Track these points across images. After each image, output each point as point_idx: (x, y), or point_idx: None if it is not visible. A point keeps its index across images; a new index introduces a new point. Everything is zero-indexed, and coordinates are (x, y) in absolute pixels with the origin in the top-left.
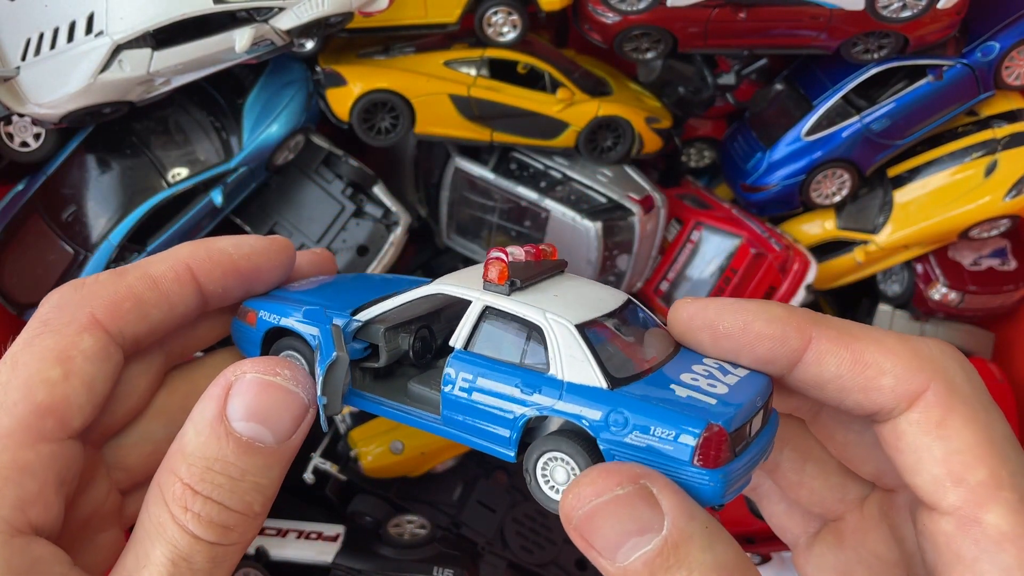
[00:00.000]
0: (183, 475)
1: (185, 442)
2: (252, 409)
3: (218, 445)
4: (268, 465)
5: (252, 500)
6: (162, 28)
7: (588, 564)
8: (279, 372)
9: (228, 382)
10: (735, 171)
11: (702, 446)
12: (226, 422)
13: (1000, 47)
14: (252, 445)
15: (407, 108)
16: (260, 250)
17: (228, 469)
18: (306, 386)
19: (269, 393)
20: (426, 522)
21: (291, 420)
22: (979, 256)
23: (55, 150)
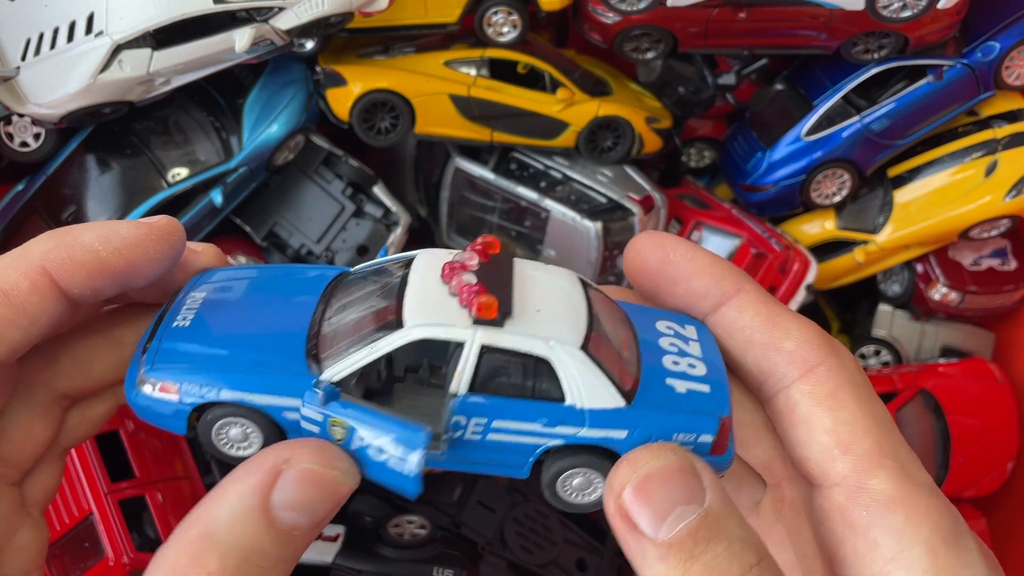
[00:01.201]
0: (213, 568)
1: (218, 528)
2: (300, 502)
3: (258, 536)
4: (300, 548)
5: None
6: (162, 28)
7: (588, 564)
8: (337, 466)
9: (276, 469)
10: (735, 171)
11: (717, 440)
12: (270, 512)
13: (1000, 47)
14: (291, 534)
15: (407, 108)
16: (134, 242)
17: (265, 560)
18: (355, 476)
19: (322, 486)
20: (426, 522)
21: (334, 508)
22: (979, 256)
23: (55, 150)
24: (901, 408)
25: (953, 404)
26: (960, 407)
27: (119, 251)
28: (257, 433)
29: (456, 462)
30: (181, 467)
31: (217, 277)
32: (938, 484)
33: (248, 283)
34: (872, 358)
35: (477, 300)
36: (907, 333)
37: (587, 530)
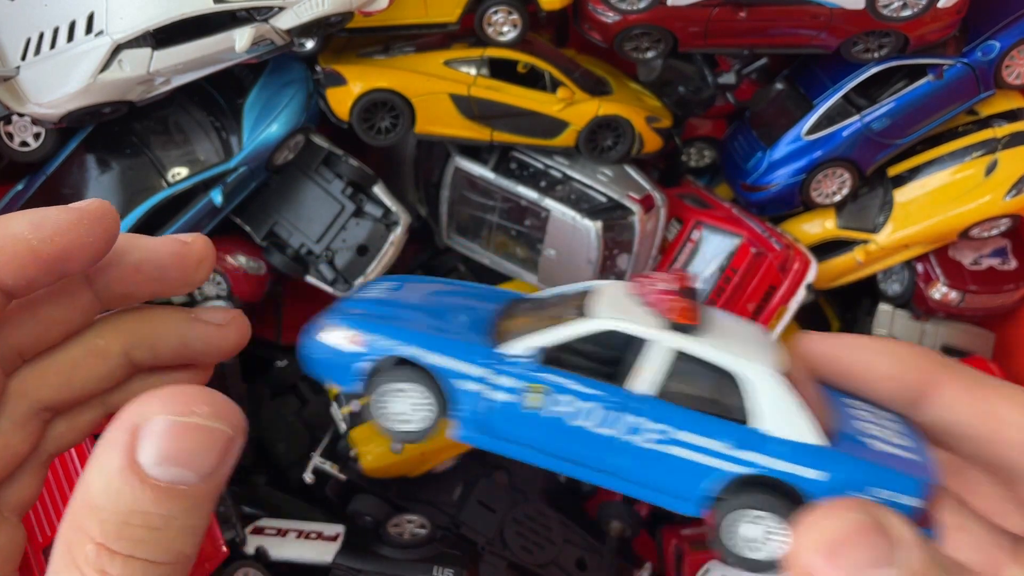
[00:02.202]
0: (95, 534)
1: (92, 494)
2: (168, 455)
3: (133, 496)
4: (196, 505)
5: (182, 546)
6: (162, 28)
7: (588, 564)
8: (195, 410)
9: (133, 425)
10: (735, 170)
11: (923, 508)
12: (139, 470)
13: (1000, 46)
14: (173, 489)
15: (407, 107)
16: (66, 227)
17: (149, 520)
18: (229, 414)
19: (186, 435)
20: (426, 522)
21: (216, 455)
22: (979, 255)
23: (55, 150)
24: None
25: None
26: None
27: (51, 238)
28: (422, 401)
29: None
30: None
31: (396, 279)
32: None
33: (430, 284)
34: None
35: (677, 304)
36: (907, 332)
37: (587, 530)
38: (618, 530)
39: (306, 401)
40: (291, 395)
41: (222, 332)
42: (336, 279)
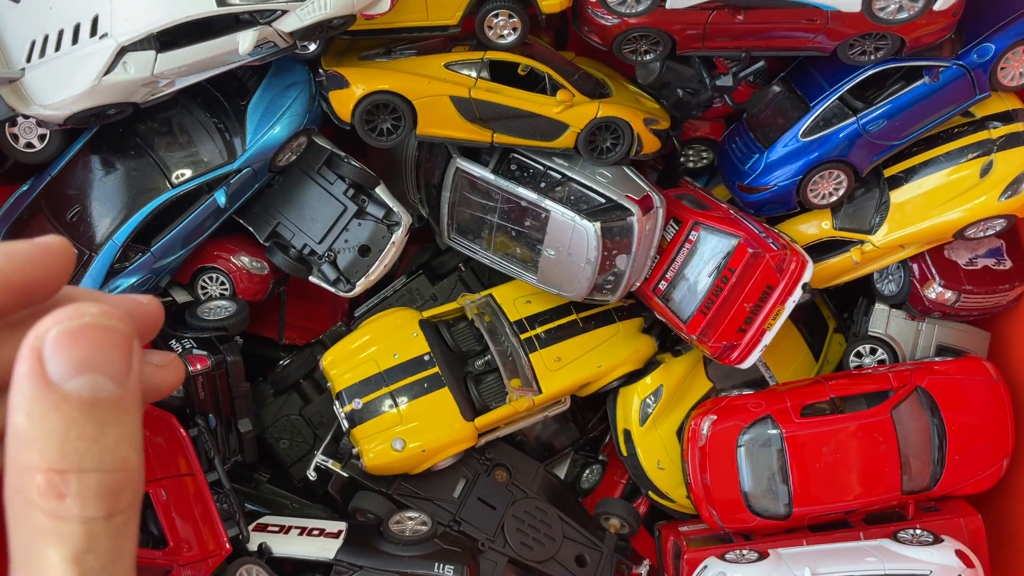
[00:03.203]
0: (38, 462)
1: (22, 432)
2: (78, 362)
3: (59, 415)
4: (122, 411)
5: (125, 452)
6: (166, 30)
7: (587, 560)
8: (85, 312)
9: (35, 347)
10: (733, 172)
11: None
12: (56, 388)
13: (996, 49)
14: (96, 398)
15: (409, 109)
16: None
17: (84, 432)
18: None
19: (84, 337)
20: (427, 519)
21: (120, 355)
22: (975, 255)
23: (60, 151)
24: (897, 406)
25: (949, 402)
26: (956, 405)
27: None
28: None
29: None
30: (184, 464)
31: None
32: (934, 481)
33: None
34: (868, 357)
35: None
36: (903, 332)
37: (586, 527)
38: (617, 527)
39: (308, 400)
40: (293, 393)
41: (162, 373)
42: (338, 279)
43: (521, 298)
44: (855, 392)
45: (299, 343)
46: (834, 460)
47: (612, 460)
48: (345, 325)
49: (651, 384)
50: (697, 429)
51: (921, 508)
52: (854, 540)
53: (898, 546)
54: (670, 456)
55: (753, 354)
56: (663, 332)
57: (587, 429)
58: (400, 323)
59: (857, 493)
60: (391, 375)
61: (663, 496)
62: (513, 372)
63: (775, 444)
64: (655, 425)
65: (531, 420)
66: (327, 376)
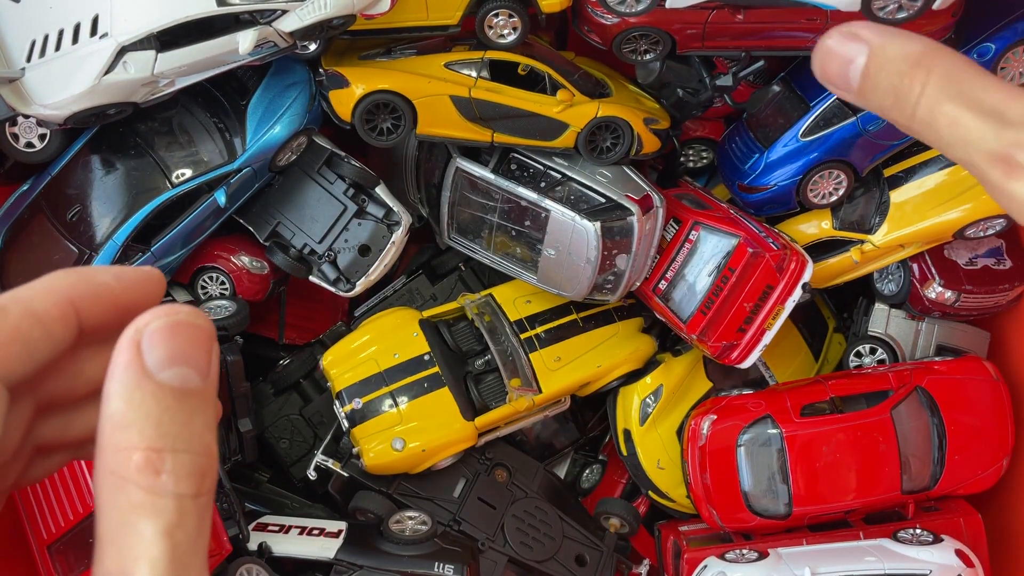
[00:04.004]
0: (136, 442)
1: (118, 416)
2: (172, 355)
3: (156, 399)
4: (205, 404)
5: (208, 440)
6: (166, 30)
7: (587, 560)
8: (179, 310)
9: (135, 339)
10: (733, 172)
11: None
12: (153, 376)
13: (996, 48)
14: (185, 388)
15: (409, 109)
16: (138, 281)
17: (177, 416)
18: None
19: (179, 333)
20: (427, 518)
21: (205, 352)
22: (975, 255)
23: (60, 151)
24: (896, 405)
25: (949, 402)
26: (956, 405)
27: (129, 289)
28: None
29: None
30: None
31: None
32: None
33: None
34: (868, 356)
35: None
36: (903, 332)
37: (586, 526)
38: (617, 526)
39: (308, 399)
40: (293, 393)
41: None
42: (338, 279)
43: (521, 298)
44: (855, 392)
45: (299, 343)
46: (834, 460)
47: (612, 460)
48: (345, 325)
49: (651, 384)
50: (697, 429)
51: (921, 508)
52: (854, 540)
53: (898, 546)
54: (670, 456)
55: (753, 354)
56: (663, 332)
57: (587, 429)
58: (400, 323)
59: (857, 493)
60: (391, 375)
61: (663, 496)
62: (513, 372)
63: (775, 444)
64: (655, 425)
65: (531, 420)
66: (327, 376)
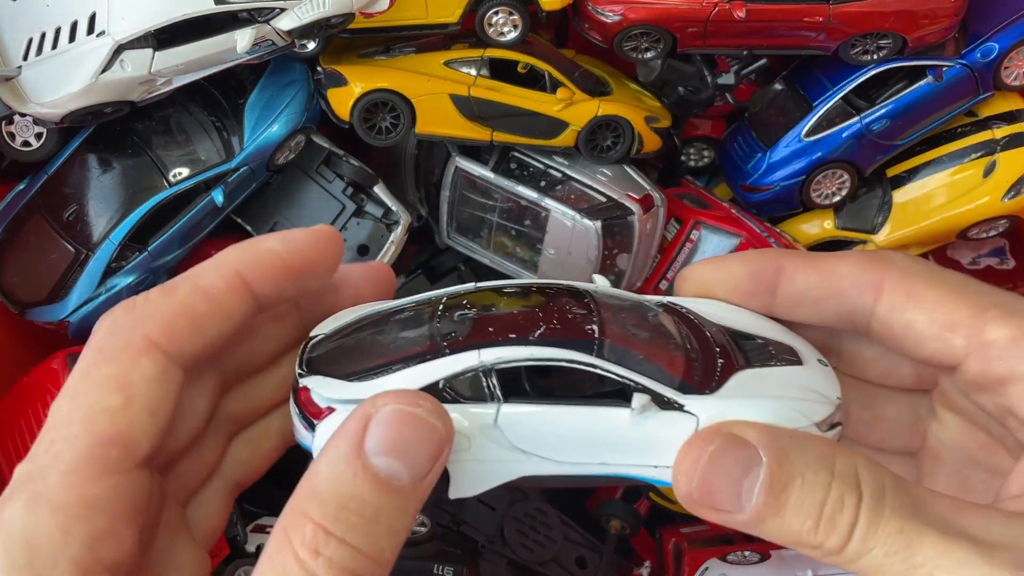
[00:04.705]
0: (315, 515)
1: (317, 481)
2: (391, 443)
3: (354, 482)
4: (403, 507)
5: (384, 546)
6: (164, 28)
7: (588, 562)
8: (420, 404)
9: (367, 414)
10: (735, 171)
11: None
12: (363, 456)
13: (1000, 48)
14: (389, 483)
15: (408, 108)
16: (309, 244)
17: (363, 508)
18: (445, 420)
19: (410, 426)
20: (426, 520)
21: (428, 457)
22: (977, 255)
23: (56, 149)
24: None
25: None
26: None
27: (297, 252)
28: None
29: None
30: None
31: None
32: None
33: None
34: None
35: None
36: None
37: (587, 528)
38: (617, 528)
39: None
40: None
41: None
42: None
43: None
44: None
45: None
46: None
47: None
48: None
49: None
50: None
51: None
52: None
53: None
54: None
55: None
56: None
57: None
58: None
59: None
60: None
61: (664, 497)
62: None
63: None
64: None
65: None
66: None
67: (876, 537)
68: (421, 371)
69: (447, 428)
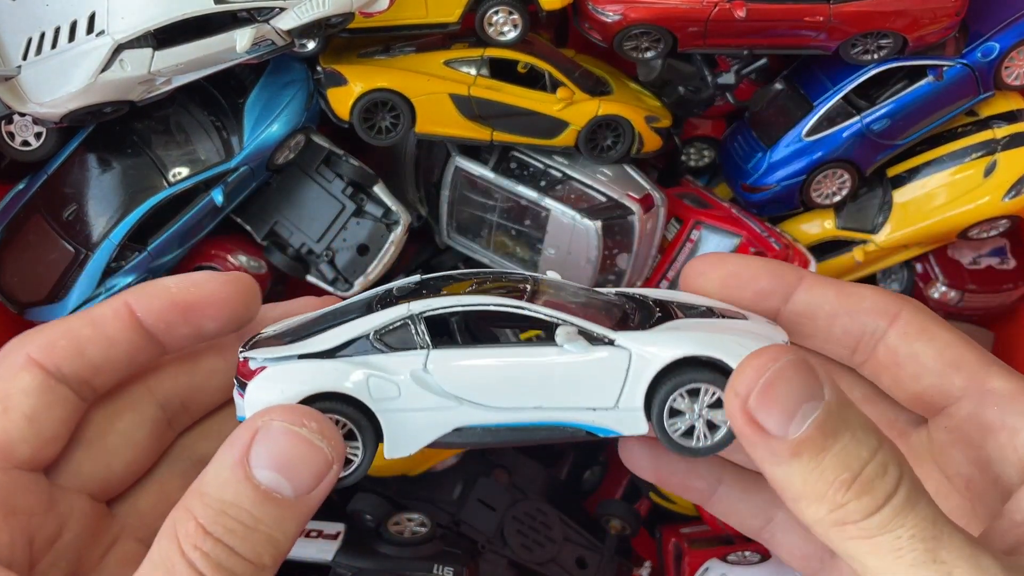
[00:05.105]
0: (198, 513)
1: (204, 482)
2: (275, 459)
3: (236, 489)
4: (283, 518)
5: (263, 551)
6: (163, 28)
7: (588, 562)
8: (306, 424)
9: (255, 427)
10: (735, 171)
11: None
12: (247, 467)
13: (1000, 47)
14: (270, 495)
15: (408, 107)
16: (202, 283)
17: (242, 515)
18: (333, 442)
19: (293, 444)
20: (426, 520)
21: (312, 475)
22: (978, 255)
23: (56, 149)
24: None
25: None
26: None
27: (188, 290)
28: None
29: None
30: None
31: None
32: None
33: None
34: None
35: None
36: None
37: (587, 528)
38: (618, 528)
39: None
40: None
41: None
42: (337, 278)
43: None
44: None
45: None
46: None
47: (612, 461)
48: None
49: None
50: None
51: None
52: None
53: None
54: None
55: None
56: None
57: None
58: None
59: None
60: None
61: (664, 497)
62: None
63: None
64: None
65: None
66: None
67: (908, 517)
68: (351, 326)
69: (335, 448)
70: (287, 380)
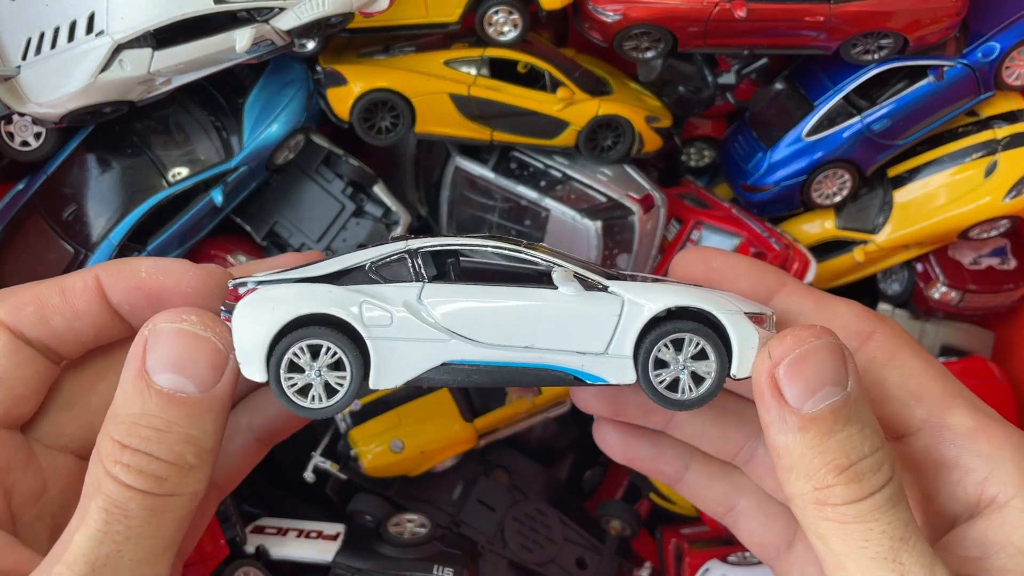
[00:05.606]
0: (113, 432)
1: (115, 404)
2: (168, 360)
3: (142, 400)
4: (195, 415)
5: (183, 451)
6: (163, 28)
7: (588, 563)
8: (185, 318)
9: (144, 337)
10: (735, 171)
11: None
12: (147, 376)
13: (1001, 47)
14: (175, 396)
15: (407, 107)
16: (171, 270)
17: (154, 422)
18: (218, 331)
19: (181, 341)
20: (426, 521)
21: (208, 367)
22: (979, 255)
23: (55, 149)
24: None
25: None
26: None
27: (156, 276)
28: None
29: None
30: None
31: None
32: None
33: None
34: None
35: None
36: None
37: (587, 529)
38: (618, 529)
39: None
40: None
41: None
42: None
43: None
44: None
45: None
46: None
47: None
48: None
49: None
50: None
51: None
52: None
53: None
54: None
55: None
56: None
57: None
58: None
59: None
60: None
61: (664, 498)
62: None
63: None
64: None
65: (531, 421)
66: None
67: (885, 515)
68: (348, 257)
69: (220, 337)
70: (278, 301)
